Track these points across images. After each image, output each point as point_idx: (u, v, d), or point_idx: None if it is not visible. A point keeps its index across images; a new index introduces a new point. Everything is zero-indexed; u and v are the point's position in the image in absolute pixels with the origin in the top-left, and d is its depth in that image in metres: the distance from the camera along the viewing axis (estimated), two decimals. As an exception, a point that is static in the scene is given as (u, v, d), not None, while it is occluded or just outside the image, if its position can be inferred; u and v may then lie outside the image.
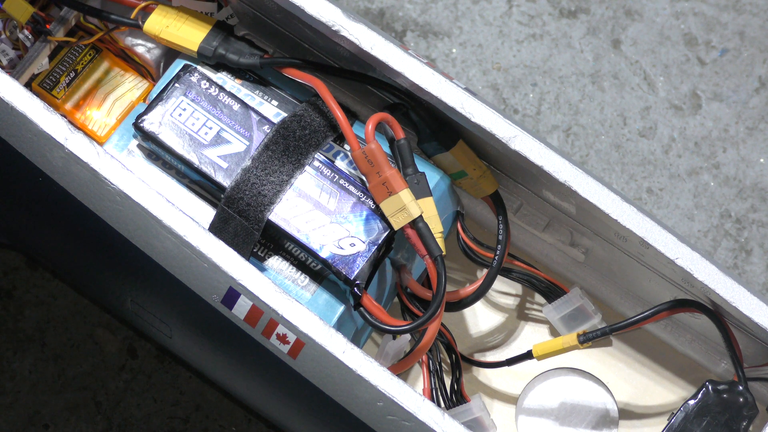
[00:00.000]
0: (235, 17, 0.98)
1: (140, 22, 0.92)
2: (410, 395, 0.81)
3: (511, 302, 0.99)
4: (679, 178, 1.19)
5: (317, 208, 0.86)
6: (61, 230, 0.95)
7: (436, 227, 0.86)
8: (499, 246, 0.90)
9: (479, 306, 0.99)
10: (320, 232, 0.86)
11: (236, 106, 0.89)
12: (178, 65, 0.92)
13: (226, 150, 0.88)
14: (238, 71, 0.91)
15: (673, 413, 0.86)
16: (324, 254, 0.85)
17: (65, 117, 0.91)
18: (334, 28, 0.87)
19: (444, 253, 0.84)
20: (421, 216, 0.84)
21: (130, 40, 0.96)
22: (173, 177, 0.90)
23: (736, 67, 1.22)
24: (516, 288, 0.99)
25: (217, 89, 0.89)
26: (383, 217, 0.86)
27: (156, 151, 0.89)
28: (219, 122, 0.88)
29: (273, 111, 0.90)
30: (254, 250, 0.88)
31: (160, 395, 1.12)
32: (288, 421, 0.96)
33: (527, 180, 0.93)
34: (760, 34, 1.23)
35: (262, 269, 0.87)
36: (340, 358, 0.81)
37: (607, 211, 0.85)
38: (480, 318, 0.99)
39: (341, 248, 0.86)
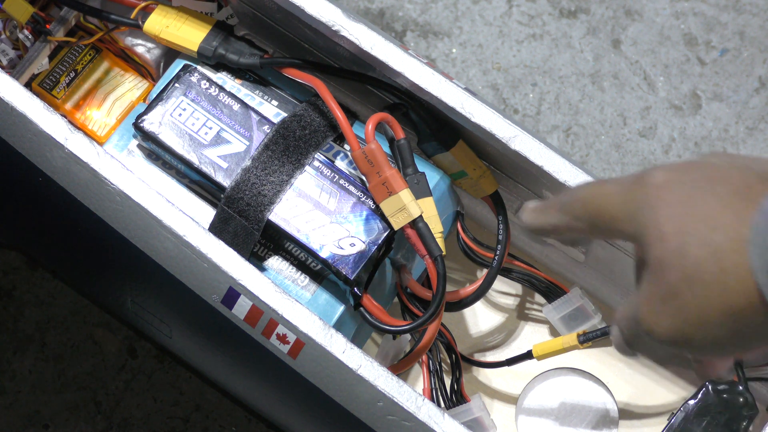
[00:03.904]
0: (235, 17, 0.98)
1: (140, 22, 0.92)
2: (410, 395, 0.81)
3: (511, 302, 0.99)
4: (679, 178, 1.18)
5: (317, 208, 0.86)
6: (61, 230, 0.95)
7: (436, 227, 0.86)
8: (499, 246, 0.90)
9: (479, 306, 0.99)
10: (320, 232, 0.86)
11: (236, 106, 0.89)
12: (178, 65, 0.92)
13: (226, 150, 0.88)
14: (238, 71, 0.91)
15: (673, 413, 0.86)
16: (324, 254, 0.85)
17: (65, 117, 0.91)
18: (334, 28, 0.87)
19: (444, 253, 0.84)
20: (421, 216, 0.84)
21: (130, 40, 0.96)
22: (173, 177, 0.90)
23: (736, 67, 1.22)
24: (516, 288, 0.99)
25: (217, 89, 0.89)
26: (383, 217, 0.86)
27: (156, 151, 0.89)
28: (219, 122, 0.88)
29: (273, 111, 0.90)
30: (254, 250, 0.88)
31: (160, 395, 1.12)
32: (288, 421, 0.96)
33: (527, 180, 0.93)
34: (760, 34, 1.23)
35: (262, 269, 0.87)
36: (340, 358, 0.81)
37: (607, 211, 0.85)
38: (480, 318, 0.99)
39: (341, 248, 0.85)
